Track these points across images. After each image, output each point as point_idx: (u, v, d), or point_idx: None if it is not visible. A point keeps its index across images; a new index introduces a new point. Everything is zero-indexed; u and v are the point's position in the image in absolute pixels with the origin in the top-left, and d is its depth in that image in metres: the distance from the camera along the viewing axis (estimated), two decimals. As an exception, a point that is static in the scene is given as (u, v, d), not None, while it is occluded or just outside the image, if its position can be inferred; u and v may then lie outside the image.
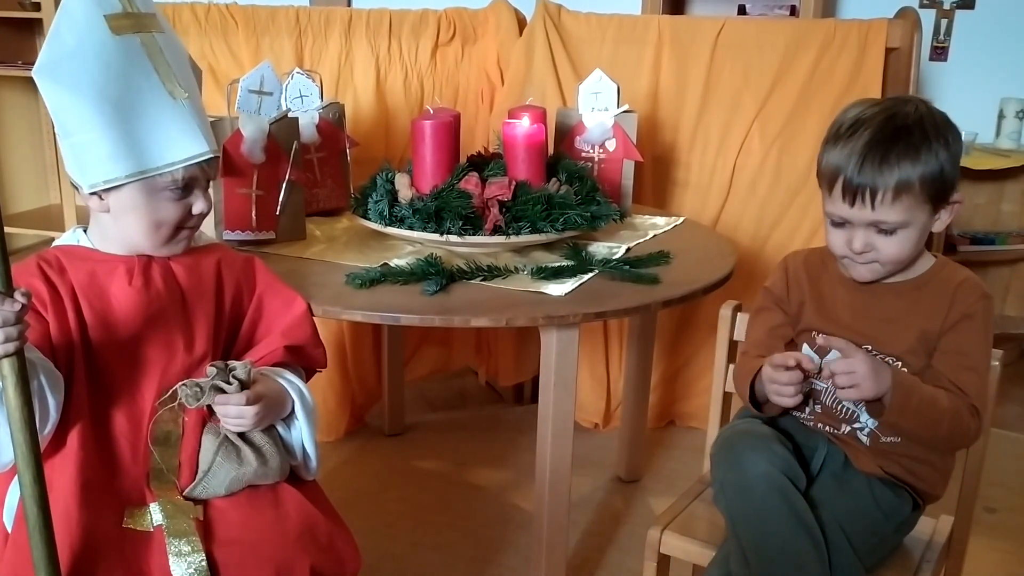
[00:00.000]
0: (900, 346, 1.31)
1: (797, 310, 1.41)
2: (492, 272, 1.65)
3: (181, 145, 1.22)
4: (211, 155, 1.26)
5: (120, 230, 1.25)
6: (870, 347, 1.31)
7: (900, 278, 1.34)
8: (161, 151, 1.21)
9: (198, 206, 1.27)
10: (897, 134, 1.22)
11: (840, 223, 1.28)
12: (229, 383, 1.20)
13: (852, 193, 1.23)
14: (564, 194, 1.76)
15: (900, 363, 1.30)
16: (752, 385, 1.37)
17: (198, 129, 1.24)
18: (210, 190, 1.32)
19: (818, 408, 1.37)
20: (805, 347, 1.32)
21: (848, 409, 1.35)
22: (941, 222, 1.29)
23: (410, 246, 1.80)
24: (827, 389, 1.35)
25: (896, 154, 1.21)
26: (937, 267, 1.34)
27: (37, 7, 3.22)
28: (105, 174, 1.19)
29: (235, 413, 1.21)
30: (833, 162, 1.26)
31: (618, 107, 2.03)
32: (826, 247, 1.40)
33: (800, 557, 1.23)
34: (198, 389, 1.19)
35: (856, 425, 1.35)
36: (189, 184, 1.25)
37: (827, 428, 1.37)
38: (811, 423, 1.39)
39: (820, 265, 1.42)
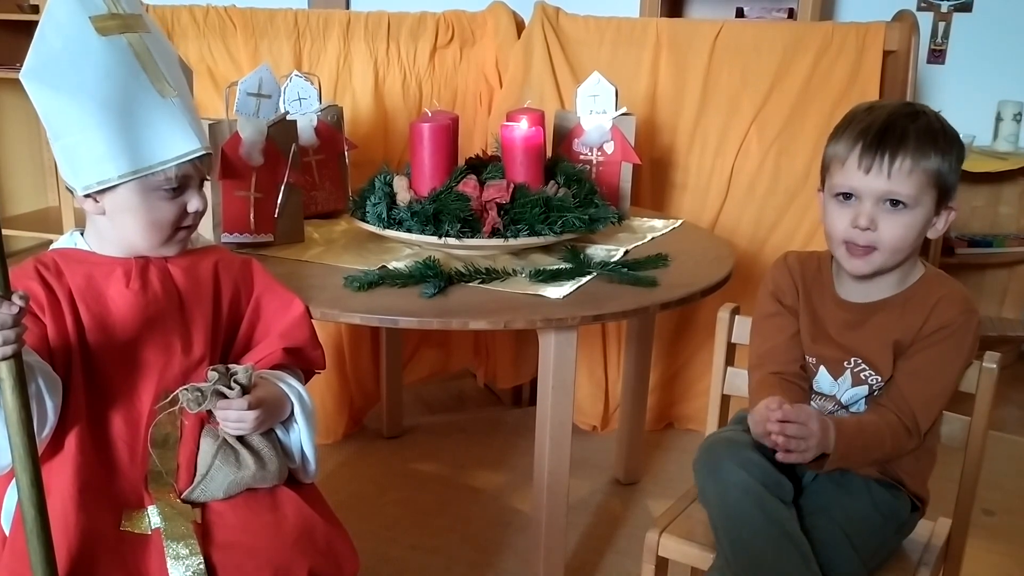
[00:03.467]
0: (883, 367, 1.31)
1: (800, 311, 1.41)
2: (490, 275, 1.65)
3: (173, 143, 1.23)
4: (204, 151, 1.26)
5: (117, 232, 1.25)
6: (859, 360, 1.32)
7: (889, 291, 1.33)
8: (153, 150, 1.21)
9: (193, 204, 1.27)
10: (915, 115, 1.26)
11: (848, 197, 1.27)
12: (231, 387, 1.20)
13: (870, 159, 1.23)
14: (562, 197, 1.77)
15: (884, 383, 1.32)
16: None
17: (189, 126, 1.24)
18: (208, 191, 1.32)
19: None
20: None
21: (839, 415, 1.35)
22: (936, 229, 1.30)
23: (408, 249, 1.80)
24: (819, 408, 1.35)
25: (915, 131, 1.24)
26: (925, 279, 1.34)
27: (35, 9, 3.22)
28: (98, 175, 1.19)
29: (235, 417, 1.21)
30: (848, 138, 1.26)
31: (616, 110, 2.03)
32: (824, 254, 1.40)
33: (781, 565, 1.22)
34: (199, 394, 1.19)
35: None
36: (183, 182, 1.25)
37: None
38: None
39: (815, 272, 1.41)
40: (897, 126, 1.24)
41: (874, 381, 1.32)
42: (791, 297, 1.41)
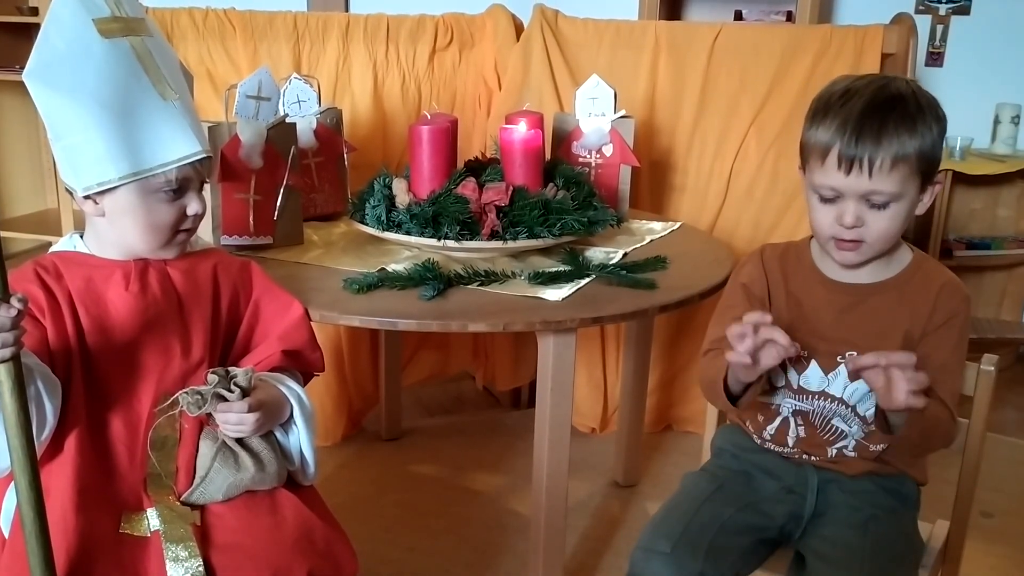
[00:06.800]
0: None
1: (771, 306, 1.37)
2: (489, 277, 1.65)
3: (174, 145, 1.23)
4: (204, 155, 1.26)
5: (116, 234, 1.25)
6: (854, 352, 1.28)
7: (881, 275, 1.31)
8: (154, 152, 1.21)
9: (192, 207, 1.27)
10: (892, 102, 1.20)
11: (830, 198, 1.24)
12: (231, 391, 1.20)
13: (849, 161, 1.19)
14: (561, 199, 1.77)
15: None
16: (724, 380, 1.29)
17: (190, 129, 1.24)
18: (206, 193, 1.32)
19: (801, 432, 1.34)
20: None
21: (836, 429, 1.33)
22: (923, 204, 1.26)
23: (407, 251, 1.81)
24: (815, 410, 1.33)
25: (894, 122, 1.19)
26: (917, 263, 1.32)
27: (35, 12, 3.22)
28: (99, 176, 1.19)
29: (235, 420, 1.21)
30: (826, 132, 1.22)
31: (615, 112, 2.03)
32: (802, 241, 1.38)
33: None
34: (199, 397, 1.19)
35: (840, 443, 1.34)
36: (183, 185, 1.25)
37: (813, 457, 1.35)
38: (795, 455, 1.37)
39: (795, 260, 1.38)
40: (875, 119, 1.19)
41: None
42: (760, 287, 1.38)
